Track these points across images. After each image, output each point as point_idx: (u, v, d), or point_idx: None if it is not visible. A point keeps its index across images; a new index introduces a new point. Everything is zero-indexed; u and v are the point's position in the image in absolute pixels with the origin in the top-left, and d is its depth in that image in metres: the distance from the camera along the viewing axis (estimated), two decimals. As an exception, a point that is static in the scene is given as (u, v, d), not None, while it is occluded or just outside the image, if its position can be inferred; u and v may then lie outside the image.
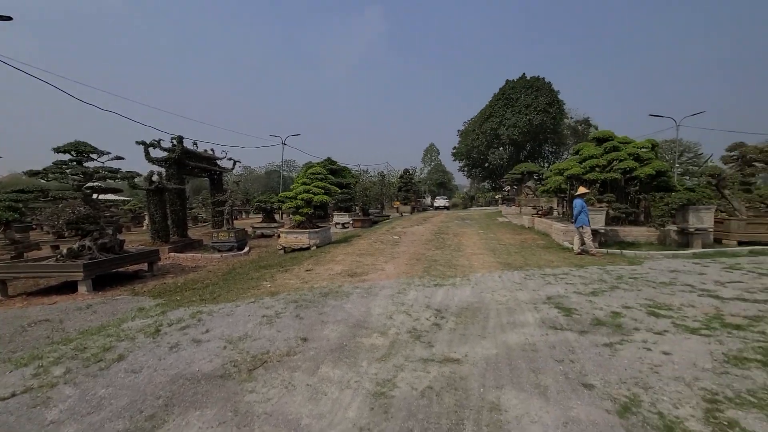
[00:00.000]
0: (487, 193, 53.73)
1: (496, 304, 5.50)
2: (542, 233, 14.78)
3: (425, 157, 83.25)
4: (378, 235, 15.89)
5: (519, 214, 23.44)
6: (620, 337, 4.10)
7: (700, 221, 10.36)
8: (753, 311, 4.98)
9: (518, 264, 8.65)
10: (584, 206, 9.93)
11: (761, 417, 2.56)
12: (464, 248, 11.43)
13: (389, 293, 6.20)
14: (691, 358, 3.53)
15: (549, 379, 3.19)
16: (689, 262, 8.86)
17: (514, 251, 10.65)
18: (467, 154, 53.71)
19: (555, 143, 50.53)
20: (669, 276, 7.22)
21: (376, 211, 30.26)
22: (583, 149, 13.39)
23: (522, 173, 30.03)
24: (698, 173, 30.21)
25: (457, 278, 7.29)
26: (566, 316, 4.85)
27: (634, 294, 5.93)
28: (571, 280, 6.99)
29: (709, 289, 6.23)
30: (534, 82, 46.02)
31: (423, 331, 4.44)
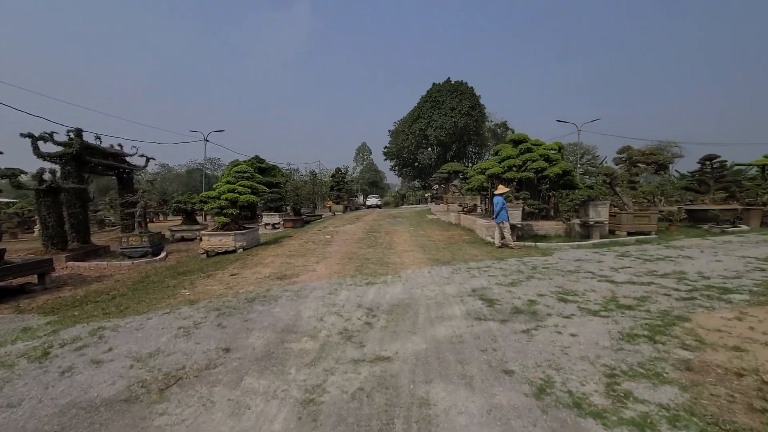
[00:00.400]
0: (417, 192, 55.58)
1: (425, 299, 5.65)
2: (468, 229, 15.63)
3: (357, 157, 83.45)
4: (310, 235, 15.52)
5: (447, 212, 24.57)
6: (536, 323, 4.45)
7: (598, 215, 11.76)
8: (640, 293, 5.75)
9: (446, 259, 9.02)
10: (504, 203, 10.68)
11: (649, 386, 2.94)
12: (396, 246, 11.63)
13: (320, 294, 6.04)
14: (594, 338, 3.94)
15: (474, 369, 3.33)
16: (590, 251, 9.99)
17: (442, 247, 11.09)
18: (398, 154, 54.99)
19: (478, 144, 53.95)
20: (574, 265, 8.06)
21: (308, 210, 29.57)
22: (502, 150, 14.43)
23: (449, 172, 31.53)
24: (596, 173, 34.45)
25: (388, 276, 7.37)
26: (489, 307, 5.15)
27: (546, 282, 6.51)
28: (493, 272, 7.46)
29: (606, 275, 7.07)
30: (458, 87, 48.61)
31: (354, 331, 4.38)
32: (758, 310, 4.84)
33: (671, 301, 5.29)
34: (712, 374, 3.11)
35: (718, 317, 4.56)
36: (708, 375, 3.10)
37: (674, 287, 6.04)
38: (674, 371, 3.17)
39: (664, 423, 2.46)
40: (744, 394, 2.78)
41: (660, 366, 3.26)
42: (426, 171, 51.27)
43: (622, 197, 12.97)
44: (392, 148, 56.40)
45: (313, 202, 38.20)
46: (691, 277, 6.72)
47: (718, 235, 13.09)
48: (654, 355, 3.50)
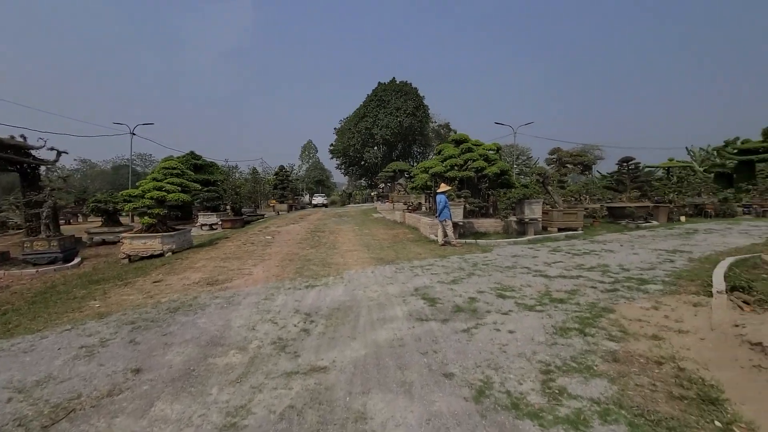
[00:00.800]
0: (363, 191, 55.45)
1: (367, 301, 5.46)
2: (412, 227, 15.75)
3: (303, 155, 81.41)
4: (249, 235, 14.68)
5: (392, 210, 24.68)
6: (476, 321, 4.45)
7: (532, 213, 12.40)
8: (570, 286, 6.05)
9: (390, 258, 8.92)
10: (446, 202, 10.84)
11: (581, 380, 2.99)
12: (340, 245, 11.34)
13: (255, 300, 5.60)
14: (530, 333, 4.01)
15: (414, 374, 3.19)
16: (526, 247, 10.48)
17: (386, 246, 11.01)
18: (344, 152, 54.42)
19: (422, 144, 55.08)
20: (512, 261, 8.36)
21: (249, 210, 28.15)
22: (444, 150, 14.71)
23: (394, 171, 31.80)
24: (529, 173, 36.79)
25: (330, 277, 7.08)
26: (431, 306, 5.08)
27: (486, 279, 6.64)
28: (436, 270, 7.48)
29: (540, 269, 7.39)
30: (403, 87, 49.18)
31: (289, 339, 4.06)
32: (670, 299, 5.29)
33: (597, 293, 5.61)
34: (636, 364, 3.25)
35: (638, 307, 4.90)
36: (632, 365, 3.24)
37: (599, 280, 6.44)
38: (603, 363, 3.28)
39: (596, 419, 2.49)
40: (664, 382, 2.92)
41: (590, 359, 3.36)
42: (372, 170, 51.31)
43: (554, 196, 13.84)
44: (338, 146, 55.71)
45: (254, 201, 36.53)
46: (614, 270, 7.24)
47: (633, 230, 14.46)
48: (585, 348, 3.61)
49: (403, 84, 49.53)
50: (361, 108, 50.84)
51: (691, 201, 18.04)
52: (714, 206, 18.32)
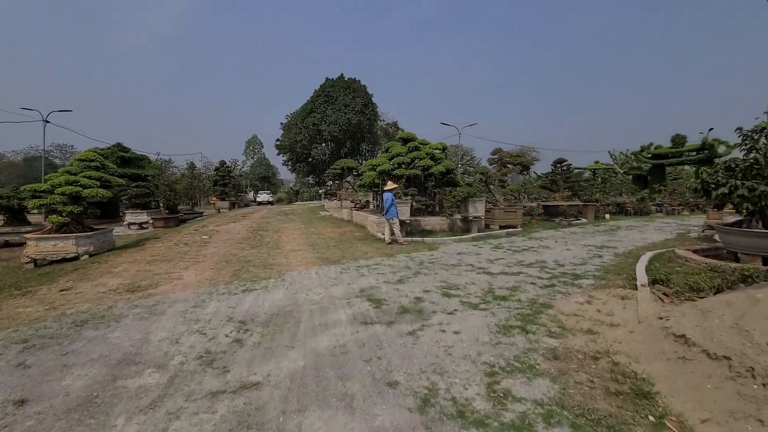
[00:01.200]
0: (311, 188, 54.22)
1: (309, 305, 5.14)
2: (360, 226, 15.54)
3: (247, 150, 77.81)
4: (183, 235, 13.53)
5: (340, 208, 24.28)
6: (421, 322, 4.33)
7: (476, 211, 12.76)
8: (512, 283, 6.20)
9: (336, 258, 8.62)
10: (393, 200, 10.76)
11: (525, 381, 2.96)
12: (283, 245, 10.80)
13: (182, 309, 5.03)
14: (475, 333, 3.96)
15: (356, 384, 2.97)
16: (470, 244, 10.72)
17: (333, 245, 10.68)
18: (291, 148, 52.76)
19: (371, 142, 55.05)
20: (457, 258, 8.45)
21: (186, 207, 26.20)
22: (392, 148, 14.66)
23: (342, 169, 31.35)
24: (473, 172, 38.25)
25: (271, 280, 6.63)
26: (376, 308, 4.90)
27: (432, 278, 6.60)
28: (382, 269, 7.33)
29: (484, 267, 7.54)
30: (351, 83, 48.73)
31: (219, 352, 3.64)
32: (601, 292, 5.59)
33: (537, 289, 5.79)
34: (575, 360, 3.31)
35: (574, 302, 5.10)
36: (571, 362, 3.29)
37: (538, 276, 6.69)
38: (544, 361, 3.30)
39: (540, 422, 2.44)
40: (601, 377, 2.98)
41: (532, 357, 3.37)
42: (320, 167, 50.28)
43: (495, 194, 14.37)
44: (285, 142, 53.88)
45: (192, 198, 34.12)
46: (550, 266, 7.58)
47: (566, 227, 15.48)
48: (527, 346, 3.63)
49: (352, 81, 49.08)
50: (308, 103, 49.58)
51: (614, 200, 19.75)
52: (633, 205, 20.24)
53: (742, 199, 6.90)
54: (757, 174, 6.98)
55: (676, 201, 21.83)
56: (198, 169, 41.30)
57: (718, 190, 7.10)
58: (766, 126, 7.00)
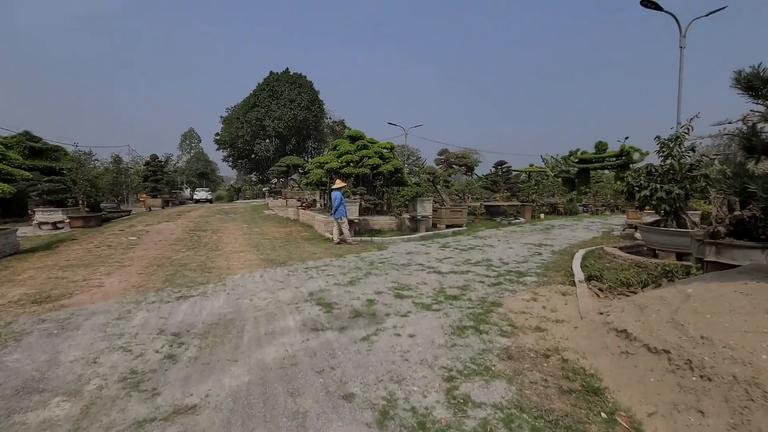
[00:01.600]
0: (254, 186, 51.86)
1: (254, 311, 4.76)
2: (307, 225, 15.05)
3: (183, 144, 72.53)
4: (106, 236, 12.12)
5: (285, 207, 23.45)
6: (375, 326, 4.18)
7: (424, 210, 12.93)
8: (462, 282, 6.28)
9: (282, 259, 8.19)
10: (342, 198, 10.51)
11: (482, 384, 2.93)
12: (224, 246, 10.08)
13: (102, 321, 4.40)
14: (430, 336, 3.90)
15: (309, 400, 2.73)
16: (418, 243, 10.80)
17: (278, 245, 10.18)
18: (232, 144, 50.01)
19: (317, 140, 53.96)
20: (407, 258, 8.44)
21: (111, 205, 23.67)
22: (340, 146, 14.37)
23: (288, 166, 30.32)
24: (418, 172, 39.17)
25: (210, 284, 6.09)
26: (327, 313, 4.66)
27: (383, 278, 6.49)
28: (332, 271, 7.08)
29: (433, 266, 7.59)
30: (297, 79, 47.34)
31: (147, 372, 3.19)
32: (544, 289, 5.84)
33: (486, 287, 5.92)
34: (528, 359, 3.36)
35: (521, 299, 5.27)
36: (525, 361, 3.33)
37: (485, 274, 6.86)
38: (499, 362, 3.31)
39: (501, 427, 2.40)
40: (553, 375, 3.04)
41: (488, 359, 3.36)
42: (264, 164, 48.20)
43: (442, 194, 14.69)
44: (225, 136, 50.93)
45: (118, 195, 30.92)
46: (495, 264, 7.84)
47: (506, 226, 16.26)
48: (482, 347, 3.63)
49: (297, 76, 47.71)
50: (250, 97, 47.28)
51: (548, 201, 21.20)
52: (564, 205, 21.87)
53: (660, 201, 7.66)
54: (672, 179, 7.79)
55: (600, 202, 23.98)
56: (125, 163, 37.65)
57: (641, 193, 7.82)
58: (679, 135, 7.82)
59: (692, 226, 7.66)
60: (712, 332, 2.59)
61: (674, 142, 7.91)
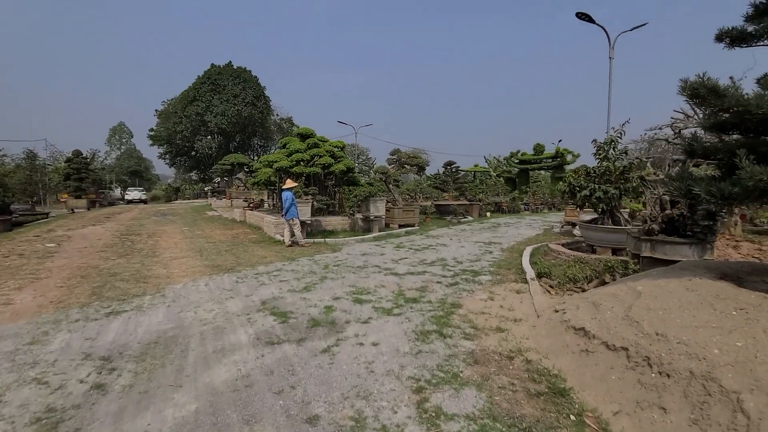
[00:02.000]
0: (195, 185, 48.64)
1: (200, 326, 4.32)
2: (255, 227, 14.30)
3: (112, 139, 66.23)
4: (17, 243, 10.56)
5: (230, 207, 22.20)
6: (336, 336, 3.96)
7: (377, 210, 12.83)
8: (419, 283, 6.23)
9: (229, 265, 7.64)
10: (293, 199, 10.08)
11: (452, 393, 2.84)
12: (162, 252, 9.21)
13: (10, 348, 3.72)
14: (394, 343, 3.76)
15: (268, 427, 2.46)
16: (372, 244, 10.68)
17: (224, 249, 9.51)
18: (169, 140, 46.46)
19: (264, 137, 51.88)
20: (362, 260, 8.27)
21: (24, 207, 20.90)
22: (290, 144, 13.83)
23: (232, 164, 28.76)
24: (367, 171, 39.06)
25: (146, 297, 5.46)
26: (283, 323, 4.35)
27: (340, 282, 6.26)
28: (285, 276, 6.71)
29: (390, 267, 7.49)
30: (241, 73, 45.10)
31: (68, 409, 2.71)
32: (499, 288, 5.97)
33: (444, 288, 5.92)
34: (493, 363, 3.34)
35: (479, 299, 5.32)
36: (490, 364, 3.31)
37: (442, 274, 6.89)
38: (466, 367, 3.25)
39: (476, 440, 2.32)
40: (519, 378, 3.04)
41: (455, 364, 3.30)
42: (206, 162, 45.28)
43: (394, 193, 14.71)
44: (161, 131, 47.19)
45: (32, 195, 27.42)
46: (450, 263, 7.92)
47: (456, 224, 16.69)
48: (447, 352, 3.56)
49: (242, 70, 45.47)
50: (190, 90, 44.21)
51: (494, 200, 22.15)
52: (507, 204, 22.98)
53: (598, 201, 8.21)
54: (608, 179, 8.39)
55: (539, 201, 25.54)
56: (42, 160, 33.60)
57: (581, 192, 8.33)
58: (614, 139, 8.44)
59: (625, 223, 8.32)
60: (666, 328, 2.72)
61: (609, 145, 8.54)
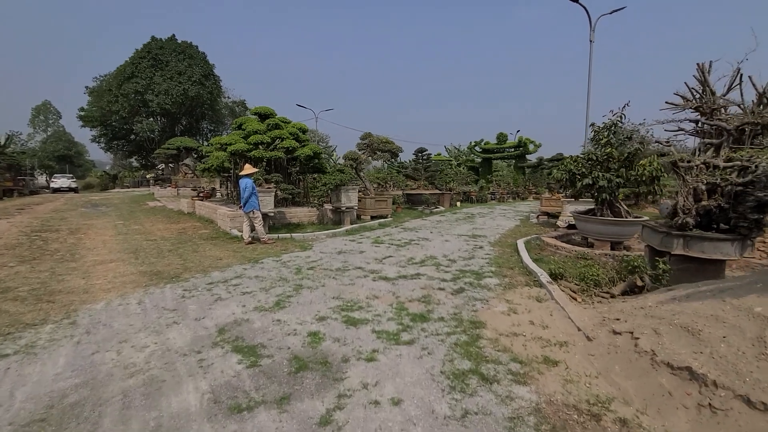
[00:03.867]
0: (136, 172, 44.00)
1: (124, 378, 2.89)
2: (206, 220, 12.41)
3: (35, 120, 58.59)
4: None
5: (177, 197, 19.80)
6: (335, 389, 2.71)
7: (349, 200, 11.51)
8: (418, 291, 5.10)
9: (174, 271, 6.05)
10: (254, 187, 8.52)
11: None
12: (84, 254, 7.34)
13: None
14: (423, 398, 2.59)
15: None
16: (347, 239, 9.40)
17: (168, 249, 7.81)
18: (103, 121, 41.40)
19: (214, 121, 47.95)
20: (340, 260, 6.99)
21: None
22: (247, 124, 12.04)
23: (178, 149, 25.81)
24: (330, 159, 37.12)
25: (46, 326, 3.86)
26: (253, 367, 3.03)
27: (320, 293, 4.98)
28: (248, 285, 5.29)
29: (375, 269, 6.29)
30: (186, 48, 40.91)
31: None
32: (513, 295, 4.99)
33: (450, 297, 4.84)
34: (573, 424, 2.29)
35: (499, 313, 4.29)
36: (569, 427, 2.26)
37: (439, 277, 5.81)
38: (544, 440, 2.17)
39: None
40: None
41: (527, 436, 2.20)
42: (148, 146, 40.88)
43: (365, 182, 13.44)
44: (93, 111, 41.91)
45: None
46: (443, 262, 6.88)
47: (429, 215, 15.76)
48: (503, 411, 2.46)
49: (187, 45, 41.33)
50: (127, 65, 39.43)
51: (462, 189, 21.54)
52: (476, 193, 22.51)
53: (601, 190, 7.51)
54: (607, 168, 7.72)
55: (505, 190, 25.40)
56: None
57: (583, 180, 7.58)
58: (614, 123, 7.75)
59: (626, 214, 7.73)
60: None
61: (609, 130, 7.85)
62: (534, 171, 32.36)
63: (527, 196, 26.98)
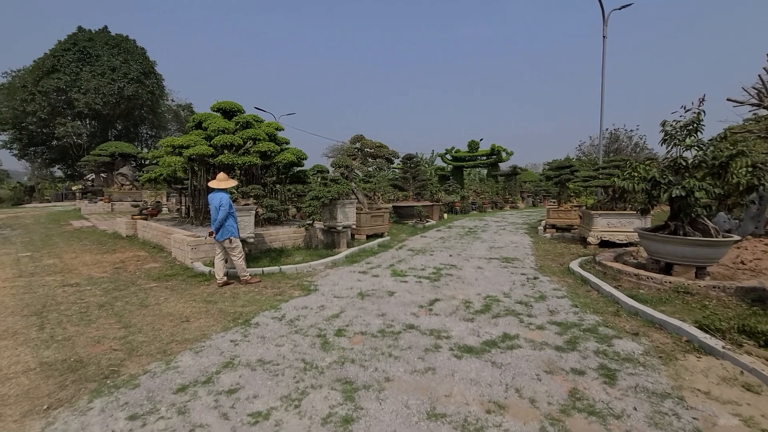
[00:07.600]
0: (59, 183, 37.81)
1: None
2: (154, 246, 9.44)
3: None
4: None
5: (111, 214, 16.20)
6: None
7: (346, 218, 9.22)
8: (550, 382, 3.05)
9: (108, 358, 3.49)
10: (231, 206, 6.03)
11: None
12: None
13: None
14: None
15: None
16: (354, 270, 7.18)
17: (98, 303, 5.10)
18: (16, 123, 35.15)
19: (155, 126, 42.83)
20: (371, 311, 4.77)
21: None
22: (209, 121, 9.38)
23: (113, 155, 21.76)
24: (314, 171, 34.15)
25: None
26: None
27: (396, 403, 2.77)
28: (254, 387, 2.92)
29: (435, 327, 4.17)
30: (122, 42, 36.13)
31: None
32: (692, 376, 3.11)
33: (611, 392, 2.86)
34: None
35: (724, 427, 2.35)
36: None
37: (541, 341, 3.83)
38: None
39: None
40: None
41: None
42: (74, 153, 35.22)
43: (358, 194, 11.22)
44: (4, 112, 35.49)
45: None
46: (517, 309, 4.94)
47: (422, 230, 13.83)
48: None
49: (122, 38, 36.59)
50: (47, 58, 33.85)
51: (448, 200, 19.95)
52: (459, 204, 21.02)
53: (694, 203, 5.97)
54: (693, 175, 6.24)
55: (487, 200, 24.26)
56: None
57: (670, 190, 5.98)
58: (693, 122, 6.29)
59: (716, 233, 6.26)
60: None
61: (689, 129, 6.37)
62: (508, 179, 31.87)
63: (504, 206, 26.07)
